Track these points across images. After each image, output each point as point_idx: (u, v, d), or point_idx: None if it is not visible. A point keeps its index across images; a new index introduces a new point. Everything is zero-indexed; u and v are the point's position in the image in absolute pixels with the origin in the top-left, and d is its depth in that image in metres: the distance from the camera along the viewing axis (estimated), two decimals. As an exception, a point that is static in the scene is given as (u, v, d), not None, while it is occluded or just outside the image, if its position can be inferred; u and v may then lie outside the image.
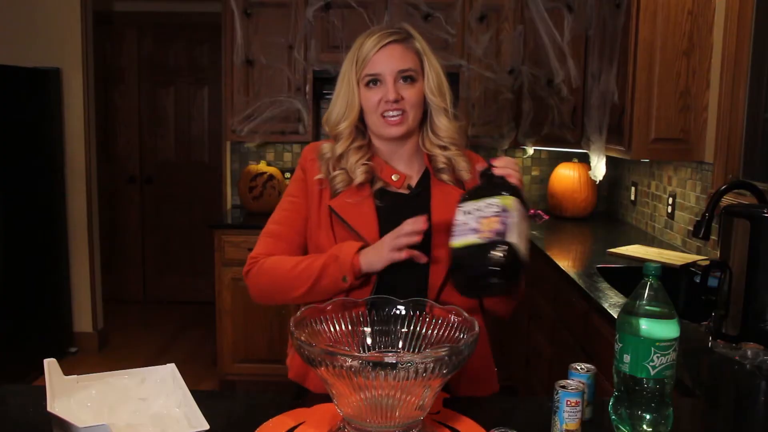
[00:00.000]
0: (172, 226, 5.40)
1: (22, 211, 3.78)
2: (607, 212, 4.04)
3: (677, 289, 2.49)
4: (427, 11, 3.64)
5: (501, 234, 1.20)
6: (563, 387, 1.13)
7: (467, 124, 1.59)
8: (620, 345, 1.13)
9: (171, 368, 1.30)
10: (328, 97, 4.01)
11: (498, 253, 1.20)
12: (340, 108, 1.51)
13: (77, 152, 4.16)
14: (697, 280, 2.04)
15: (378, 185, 1.51)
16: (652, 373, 1.10)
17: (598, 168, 3.30)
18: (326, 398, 1.15)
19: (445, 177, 1.52)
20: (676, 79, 2.73)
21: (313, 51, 3.69)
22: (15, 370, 3.58)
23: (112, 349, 4.40)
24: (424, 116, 1.53)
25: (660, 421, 1.12)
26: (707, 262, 2.08)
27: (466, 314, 1.19)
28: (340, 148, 1.51)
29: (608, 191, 4.04)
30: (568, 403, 1.12)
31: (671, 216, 3.05)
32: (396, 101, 1.45)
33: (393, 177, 1.53)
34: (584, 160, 3.62)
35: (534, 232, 3.40)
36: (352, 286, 1.42)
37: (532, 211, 3.98)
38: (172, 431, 1.12)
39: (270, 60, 3.70)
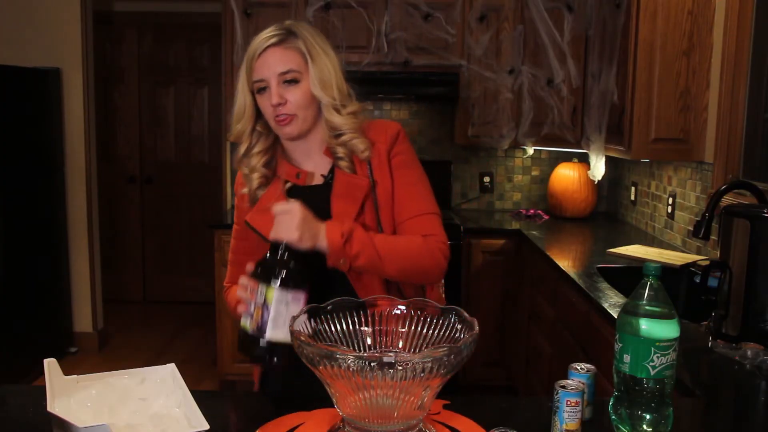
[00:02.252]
0: (172, 226, 5.40)
1: (22, 211, 3.78)
2: (607, 212, 4.04)
3: (677, 289, 2.49)
4: (427, 11, 3.64)
5: (260, 330, 1.24)
6: (563, 387, 1.13)
7: (360, 108, 1.57)
8: (620, 345, 1.13)
9: (171, 368, 1.30)
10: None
11: (253, 350, 1.26)
12: (236, 114, 1.54)
13: (77, 152, 4.16)
14: (697, 280, 2.04)
15: (288, 185, 1.54)
16: (652, 373, 1.10)
17: (598, 168, 3.30)
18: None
19: (343, 164, 1.52)
20: (676, 79, 2.73)
21: (313, 51, 3.68)
22: (15, 370, 3.58)
23: (112, 349, 4.40)
24: (319, 112, 1.54)
25: (660, 421, 1.12)
26: (707, 262, 2.08)
27: (466, 314, 1.20)
28: (241, 149, 1.55)
29: (608, 191, 4.04)
30: (568, 403, 1.12)
31: (671, 216, 3.05)
32: (280, 105, 1.46)
33: (297, 176, 1.55)
34: (584, 160, 3.62)
35: (534, 232, 3.40)
36: None
37: (532, 211, 3.99)
38: (172, 431, 1.12)
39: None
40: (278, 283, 1.23)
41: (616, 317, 1.75)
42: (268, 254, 1.31)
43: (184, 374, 1.28)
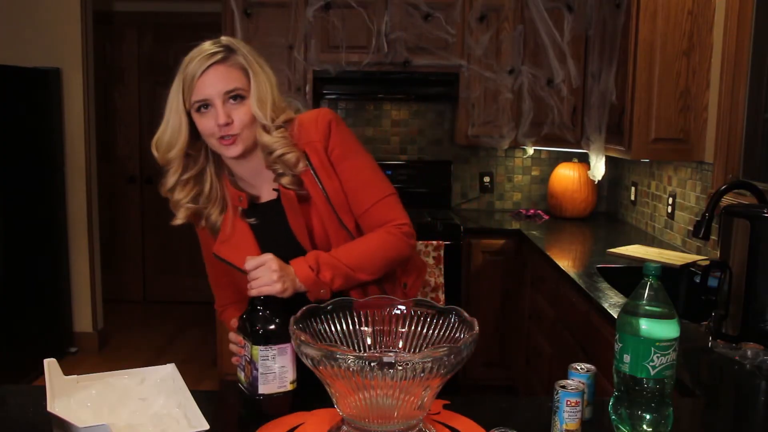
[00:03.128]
0: (172, 226, 5.39)
1: (22, 211, 3.78)
2: (607, 212, 4.04)
3: (677, 289, 2.49)
4: (427, 11, 3.64)
5: (252, 386, 1.25)
6: (563, 387, 1.13)
7: (291, 115, 1.54)
8: (620, 345, 1.13)
9: (171, 368, 1.31)
10: (328, 97, 4.01)
11: (251, 405, 1.26)
12: (169, 136, 1.46)
13: (77, 152, 4.16)
14: (697, 280, 2.04)
15: (239, 208, 1.52)
16: (652, 373, 1.10)
17: (597, 168, 3.30)
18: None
19: (285, 180, 1.48)
20: (676, 79, 2.73)
21: (312, 51, 3.69)
22: (15, 370, 3.58)
23: (112, 349, 4.40)
24: None
25: (660, 421, 1.12)
26: (707, 262, 2.08)
27: (466, 314, 1.20)
28: (170, 180, 1.49)
29: (608, 191, 4.04)
30: (568, 403, 1.12)
31: (671, 216, 3.05)
32: (227, 124, 1.42)
33: (239, 199, 1.52)
34: (584, 160, 3.62)
35: (534, 232, 3.40)
36: None
37: (532, 211, 3.99)
38: (172, 431, 1.12)
39: (270, 60, 3.67)
40: (261, 341, 1.23)
41: (616, 317, 1.75)
42: (247, 311, 1.31)
43: (184, 374, 1.29)
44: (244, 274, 1.38)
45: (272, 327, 1.25)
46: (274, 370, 1.24)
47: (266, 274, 1.33)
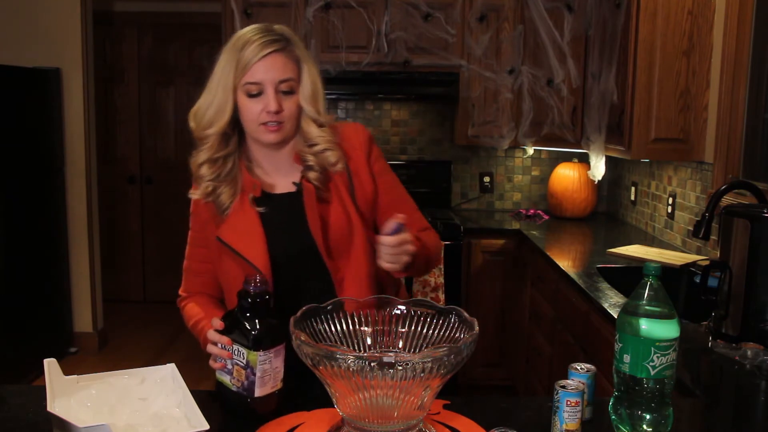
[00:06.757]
0: (172, 226, 5.40)
1: (22, 211, 3.78)
2: (607, 212, 4.04)
3: (677, 289, 2.49)
4: (427, 11, 3.64)
5: (246, 389, 1.23)
6: (563, 387, 1.13)
7: (332, 119, 1.56)
8: (620, 345, 1.13)
9: (171, 368, 1.30)
10: (328, 96, 3.99)
11: (241, 407, 1.25)
12: (211, 111, 1.47)
13: (77, 152, 4.16)
14: (697, 280, 2.04)
15: (251, 196, 1.51)
16: (652, 373, 1.10)
17: (598, 168, 3.30)
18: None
19: (312, 175, 1.50)
20: (676, 79, 2.73)
21: (313, 51, 3.68)
22: (15, 370, 3.58)
23: (112, 349, 4.39)
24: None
25: (660, 421, 1.12)
26: (707, 262, 2.08)
27: (466, 314, 1.20)
28: (203, 156, 1.49)
29: (608, 191, 4.04)
30: (568, 403, 1.12)
31: (671, 216, 3.05)
32: (277, 112, 1.44)
33: (253, 186, 1.51)
34: (584, 160, 3.62)
35: (534, 232, 3.41)
36: None
37: (532, 211, 3.99)
38: (172, 431, 1.12)
39: (270, 60, 3.69)
40: (260, 346, 1.21)
41: (616, 317, 1.75)
42: (237, 314, 1.26)
43: (184, 374, 1.28)
44: (237, 260, 1.41)
45: (269, 331, 1.23)
46: (270, 373, 1.23)
47: (404, 253, 1.39)
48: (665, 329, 1.10)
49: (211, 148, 1.49)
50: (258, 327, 1.23)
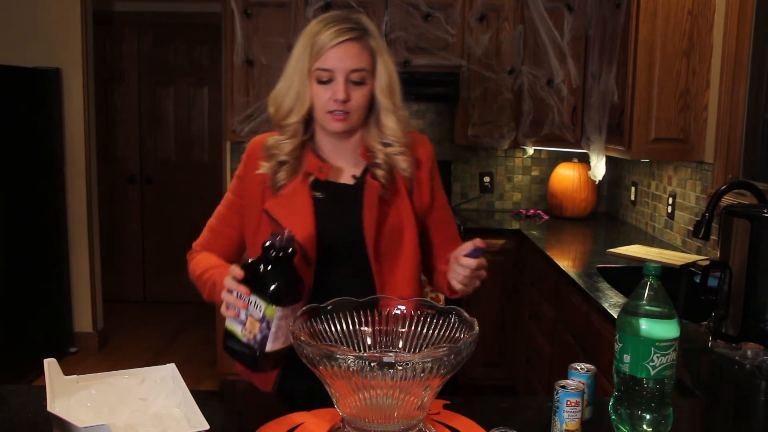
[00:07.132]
0: (172, 226, 5.40)
1: (22, 211, 3.78)
2: (607, 212, 4.04)
3: (677, 289, 2.49)
4: (427, 11, 3.64)
5: (258, 342, 1.22)
6: (563, 387, 1.13)
7: (407, 114, 1.55)
8: (620, 345, 1.13)
9: (171, 368, 1.30)
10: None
11: (245, 357, 1.25)
12: (291, 99, 1.46)
13: (77, 152, 4.16)
14: (697, 280, 2.04)
15: (311, 178, 1.49)
16: (652, 373, 1.10)
17: (598, 168, 3.30)
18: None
19: (379, 173, 1.49)
20: (676, 79, 2.73)
21: (313, 51, 3.68)
22: (15, 370, 3.58)
23: (112, 349, 4.39)
24: (370, 112, 1.50)
25: (660, 421, 1.12)
26: (707, 262, 2.08)
27: (466, 314, 1.20)
28: (287, 146, 1.48)
29: (608, 191, 4.04)
30: (568, 403, 1.12)
31: (671, 216, 3.05)
32: (344, 102, 1.42)
33: (320, 169, 1.50)
34: (584, 160, 3.62)
35: (534, 232, 3.41)
36: None
37: (532, 211, 3.99)
38: (172, 431, 1.12)
39: (270, 60, 3.70)
40: (280, 301, 1.20)
41: (616, 317, 1.75)
42: (261, 263, 1.24)
43: (184, 374, 1.28)
44: (277, 232, 1.32)
45: (291, 287, 1.22)
46: (284, 329, 1.22)
47: (479, 278, 1.39)
48: (665, 329, 1.10)
49: (293, 136, 1.48)
50: (281, 281, 1.21)
